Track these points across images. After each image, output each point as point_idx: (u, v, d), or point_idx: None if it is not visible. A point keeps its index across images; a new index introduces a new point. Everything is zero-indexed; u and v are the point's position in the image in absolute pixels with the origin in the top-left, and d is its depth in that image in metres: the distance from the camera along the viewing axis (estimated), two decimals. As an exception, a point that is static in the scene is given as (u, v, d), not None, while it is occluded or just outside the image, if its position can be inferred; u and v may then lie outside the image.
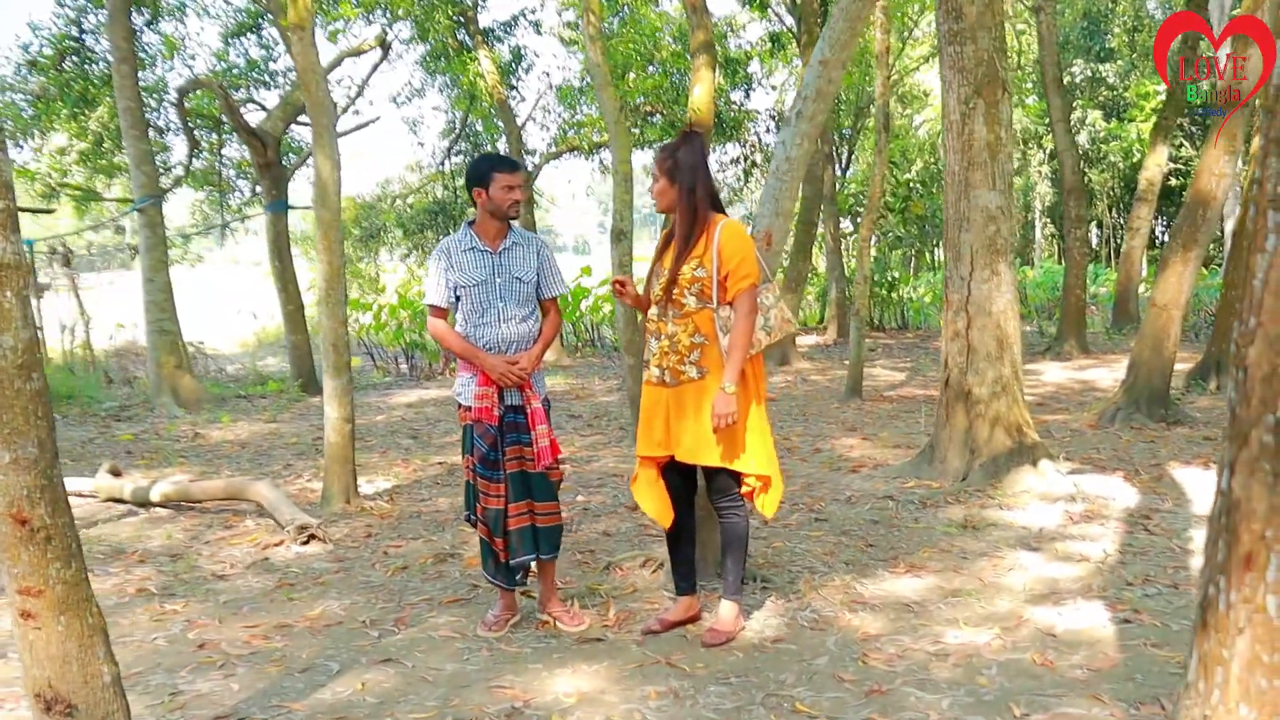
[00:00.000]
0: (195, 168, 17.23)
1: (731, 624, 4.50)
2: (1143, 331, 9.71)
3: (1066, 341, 15.97)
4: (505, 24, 18.47)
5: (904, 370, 15.46)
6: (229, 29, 16.41)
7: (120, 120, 12.68)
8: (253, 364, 19.12)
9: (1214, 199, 9.05)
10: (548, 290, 4.70)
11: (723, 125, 21.12)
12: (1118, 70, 34.62)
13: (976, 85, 6.89)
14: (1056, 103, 15.85)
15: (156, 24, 15.79)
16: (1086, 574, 5.21)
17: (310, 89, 6.61)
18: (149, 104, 16.03)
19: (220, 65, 16.41)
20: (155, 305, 12.35)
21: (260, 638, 4.63)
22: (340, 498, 7.05)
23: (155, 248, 12.37)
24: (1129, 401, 9.57)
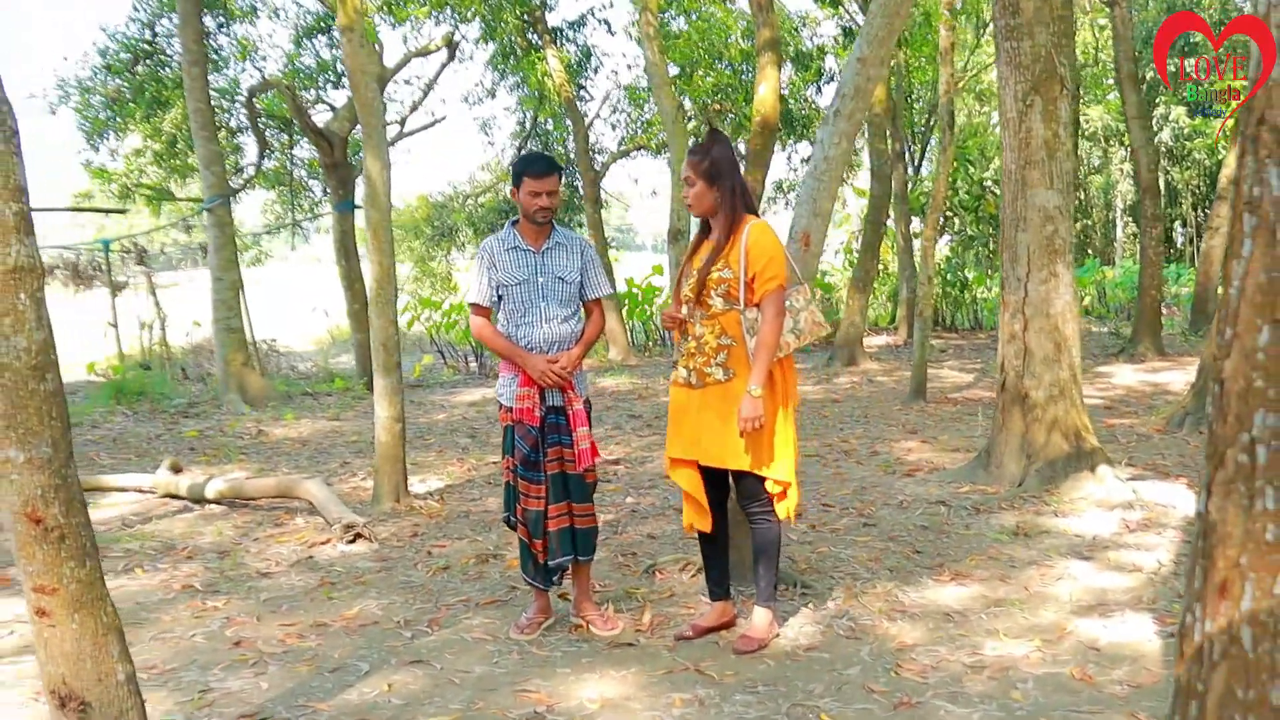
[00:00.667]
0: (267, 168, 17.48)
1: (764, 631, 4.43)
2: (1211, 335, 9.43)
3: (1141, 343, 15.60)
4: (574, 23, 18.49)
5: (972, 372, 15.20)
6: (300, 30, 16.62)
7: (190, 121, 12.91)
8: (325, 361, 19.37)
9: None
10: (592, 291, 4.68)
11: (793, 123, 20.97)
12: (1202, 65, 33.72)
13: (1034, 82, 6.73)
14: (1132, 99, 15.47)
15: (228, 27, 16.05)
16: (1137, 585, 5.07)
17: (359, 90, 6.65)
18: (222, 105, 16.33)
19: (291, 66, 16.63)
20: (223, 303, 12.55)
21: (295, 636, 4.66)
22: (390, 497, 7.08)
23: (224, 247, 12.57)
24: (1198, 406, 9.30)
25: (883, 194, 16.93)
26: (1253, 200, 1.39)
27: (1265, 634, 1.41)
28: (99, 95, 16.07)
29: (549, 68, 16.95)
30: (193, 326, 17.58)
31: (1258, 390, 1.38)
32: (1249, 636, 1.41)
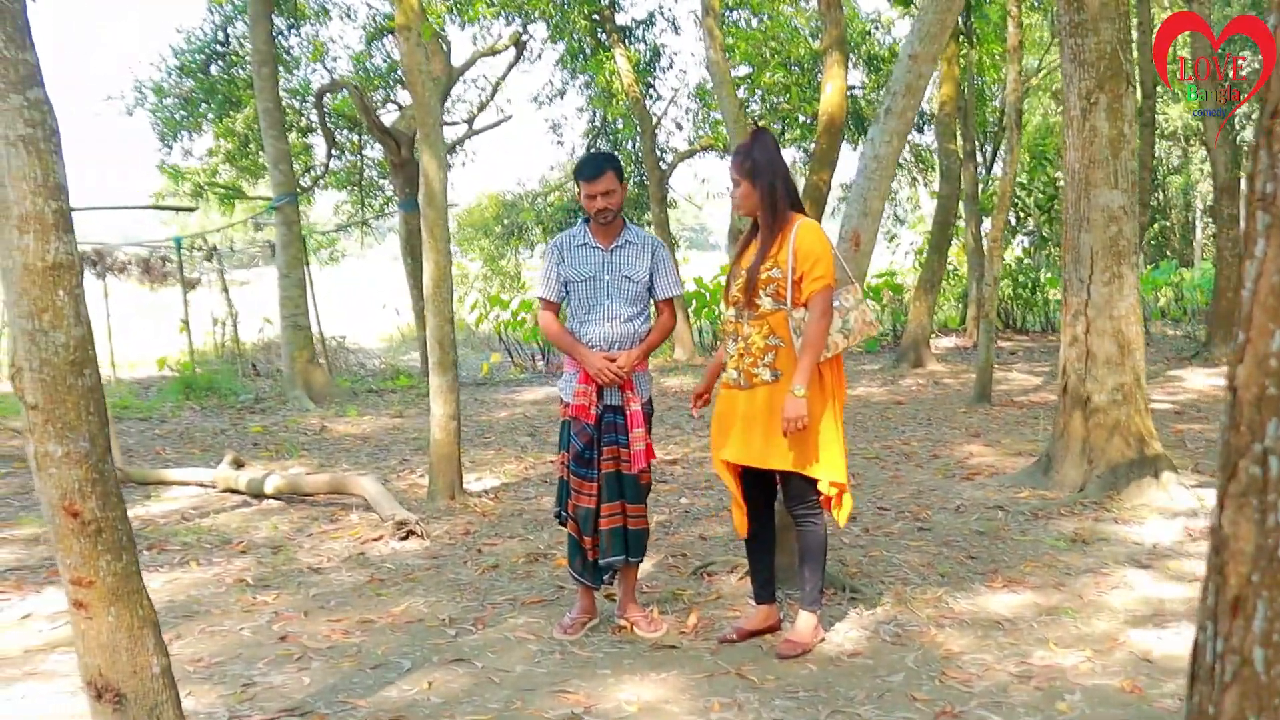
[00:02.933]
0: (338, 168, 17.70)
1: (808, 635, 4.38)
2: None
3: (1215, 347, 15.23)
4: (642, 22, 18.50)
5: (1040, 375, 14.95)
6: (369, 31, 16.81)
7: (260, 121, 13.11)
8: (393, 359, 19.57)
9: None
10: (661, 292, 4.66)
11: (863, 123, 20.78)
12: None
13: (1099, 79, 6.58)
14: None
15: (299, 27, 16.27)
16: (1196, 595, 4.91)
17: (416, 90, 6.69)
18: (293, 106, 16.56)
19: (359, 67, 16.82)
20: (290, 300, 12.73)
21: (341, 632, 4.69)
22: (445, 494, 7.12)
23: (291, 244, 12.74)
24: (1272, 412, 9.05)
25: (951, 194, 16.70)
26: (1266, 197, 1.32)
27: (1279, 656, 1.35)
28: (173, 96, 16.38)
29: (617, 67, 16.96)
30: (264, 323, 17.87)
31: (1271, 398, 1.32)
32: (1261, 658, 1.35)
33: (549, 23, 17.14)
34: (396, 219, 20.70)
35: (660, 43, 19.20)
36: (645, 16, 18.65)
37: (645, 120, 18.13)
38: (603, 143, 22.29)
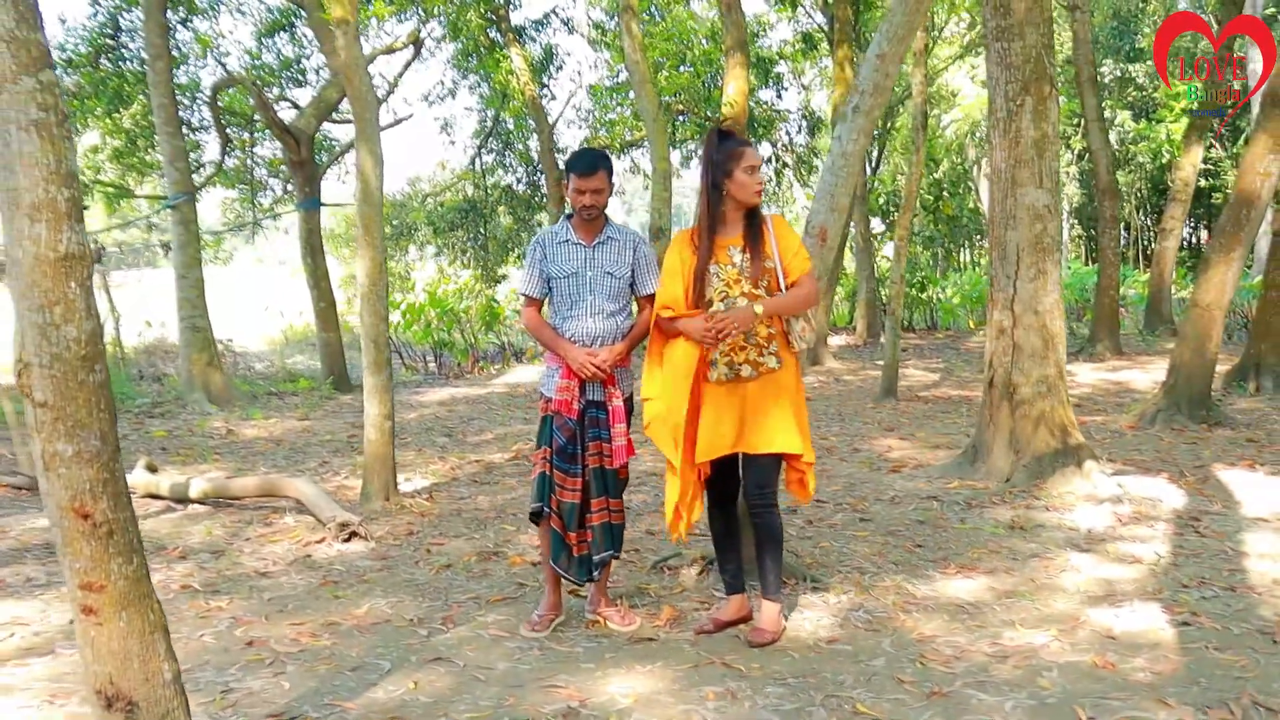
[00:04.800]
0: (227, 166, 17.25)
1: (776, 624, 4.45)
2: (1184, 332, 9.58)
3: (1100, 343, 15.84)
4: (537, 22, 18.43)
5: (936, 371, 15.36)
6: (262, 27, 16.42)
7: (155, 117, 12.71)
8: (281, 361, 19.16)
9: (1258, 198, 8.92)
10: (643, 287, 4.67)
11: (753, 125, 21.05)
12: (1147, 70, 34.38)
13: (1024, 82, 6.80)
14: (1092, 102, 15.70)
15: (190, 22, 15.82)
16: (1140, 576, 5.13)
17: (354, 84, 6.58)
18: (182, 102, 16.07)
19: (253, 63, 16.41)
20: (188, 302, 12.37)
21: (308, 635, 4.59)
22: (380, 495, 7.02)
23: (188, 245, 12.38)
24: (1170, 403, 9.45)
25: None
26: None
27: None
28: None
29: (513, 66, 16.89)
30: (145, 327, 17.31)
31: None
32: None
33: (445, 21, 16.96)
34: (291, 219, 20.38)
35: (554, 43, 19.17)
36: (540, 16, 18.52)
37: (541, 120, 18.07)
38: (494, 142, 22.17)
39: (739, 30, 14.07)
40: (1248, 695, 3.68)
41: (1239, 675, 3.88)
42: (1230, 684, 3.81)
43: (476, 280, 23.25)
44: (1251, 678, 3.86)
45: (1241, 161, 9.25)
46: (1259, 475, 7.31)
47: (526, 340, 21.25)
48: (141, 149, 17.20)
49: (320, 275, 14.26)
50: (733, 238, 4.36)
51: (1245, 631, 4.34)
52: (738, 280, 4.32)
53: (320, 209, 14.48)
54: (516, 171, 22.21)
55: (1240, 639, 4.25)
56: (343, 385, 14.24)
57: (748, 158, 4.34)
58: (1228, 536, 5.79)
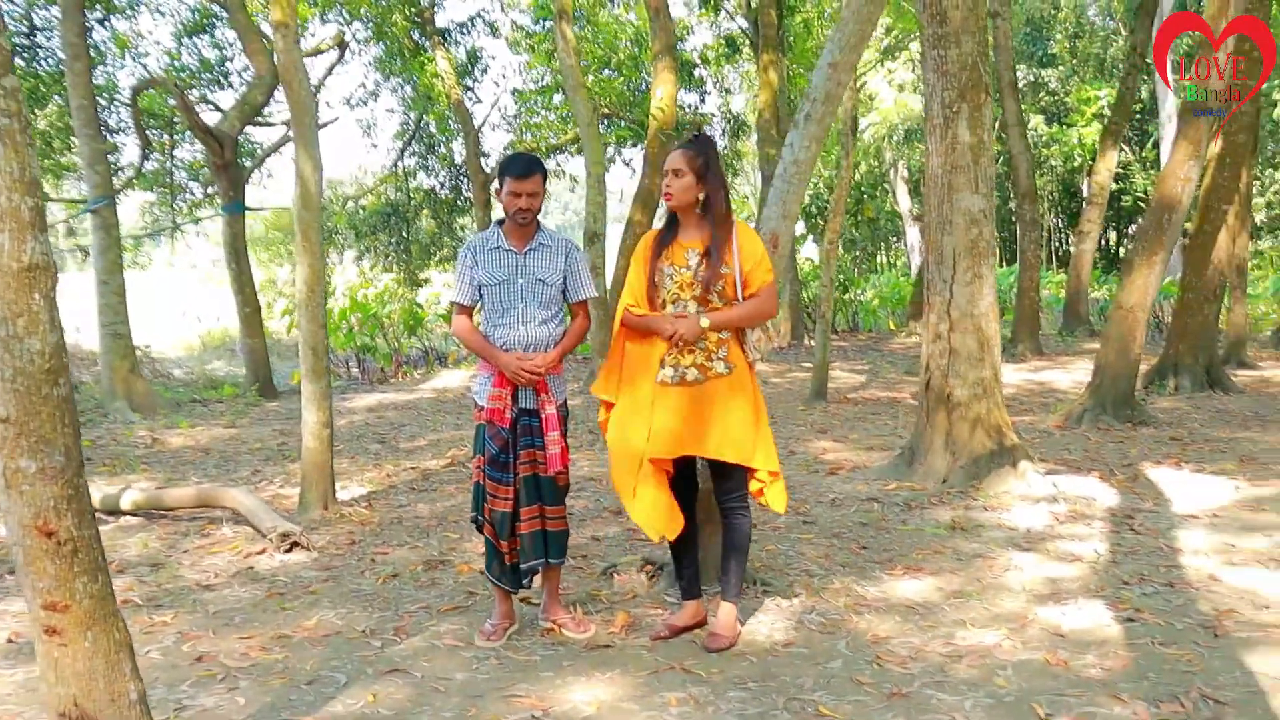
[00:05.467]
0: (146, 169, 16.89)
1: (733, 627, 4.47)
2: (1108, 334, 9.82)
3: (1021, 344, 16.16)
4: (462, 25, 18.31)
5: (863, 373, 15.53)
6: (182, 28, 16.09)
7: (73, 119, 12.40)
8: (200, 368, 18.82)
9: (1179, 203, 9.17)
10: (575, 294, 4.65)
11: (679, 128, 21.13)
12: (1059, 75, 35.18)
13: (961, 89, 6.92)
14: (1012, 107, 16.03)
15: (109, 21, 15.46)
16: (1083, 574, 5.25)
17: (293, 88, 6.48)
18: (100, 103, 15.69)
19: (173, 64, 16.08)
20: (109, 308, 12.09)
21: (259, 649, 4.52)
22: (318, 504, 6.92)
23: (109, 249, 12.10)
24: (1096, 403, 9.68)
25: (772, 198, 17.15)
26: None
27: None
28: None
29: (439, 69, 16.76)
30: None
31: None
32: None
33: (369, 23, 16.77)
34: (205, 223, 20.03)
35: (479, 46, 19.07)
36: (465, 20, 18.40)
37: (467, 123, 17.96)
38: (417, 146, 21.98)
39: (667, 34, 14.13)
40: (1196, 689, 3.79)
41: (1186, 669, 3.99)
42: (1178, 678, 3.91)
43: (399, 284, 23.04)
44: (1198, 671, 3.96)
45: (1163, 168, 9.50)
46: (1185, 473, 7.51)
47: (450, 344, 21.13)
48: (58, 151, 16.76)
49: (245, 280, 14.02)
50: (694, 241, 4.37)
51: (1187, 626, 4.46)
52: (690, 284, 4.32)
53: (245, 213, 14.23)
54: (439, 175, 22.04)
55: (1183, 634, 4.37)
56: (269, 392, 14.03)
57: (668, 161, 4.38)
58: (1161, 533, 5.95)
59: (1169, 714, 3.61)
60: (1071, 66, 36.45)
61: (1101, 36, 38.14)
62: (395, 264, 23.47)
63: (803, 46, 20.63)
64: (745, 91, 29.77)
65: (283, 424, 11.66)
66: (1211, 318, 11.98)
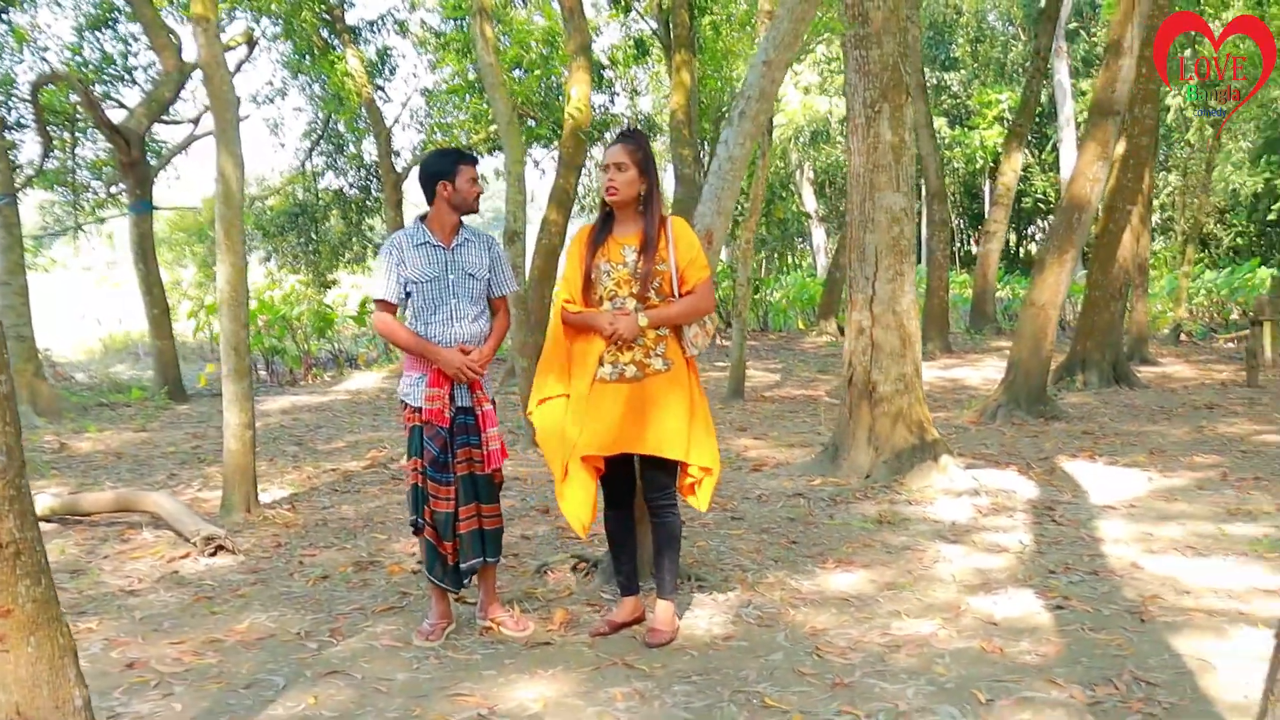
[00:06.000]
0: (46, 167, 16.39)
1: (672, 623, 4.49)
2: (1021, 331, 10.05)
3: (931, 342, 16.44)
4: (372, 23, 18.09)
5: (777, 371, 15.71)
6: (84, 21, 15.64)
7: (-30, 115, 12.02)
8: (103, 371, 18.36)
9: (1089, 202, 9.43)
10: (498, 289, 4.63)
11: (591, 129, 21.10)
12: (961, 79, 35.93)
13: (882, 89, 7.03)
14: (921, 109, 16.33)
15: (6, 14, 14.97)
16: (1010, 564, 5.37)
17: (214, 82, 6.35)
18: (-6, 98, 15.24)
19: (74, 59, 15.62)
20: (12, 310, 11.71)
21: (191, 654, 4.42)
22: (241, 507, 6.79)
23: (12, 249, 11.73)
24: (1009, 398, 9.90)
25: (688, 197, 17.20)
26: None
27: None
28: None
29: (349, 67, 16.54)
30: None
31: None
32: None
33: (278, 19, 16.48)
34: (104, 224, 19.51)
35: (389, 45, 18.86)
36: (375, 18, 18.15)
37: (379, 123, 17.75)
38: (325, 145, 21.66)
39: (582, 34, 14.10)
40: (1128, 671, 3.90)
41: (1116, 653, 4.10)
42: (1110, 662, 4.02)
43: (306, 285, 22.69)
44: (1128, 655, 4.08)
45: (1073, 168, 9.74)
46: (1099, 465, 7.73)
47: (359, 346, 20.89)
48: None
49: (154, 281, 13.69)
50: (629, 237, 4.36)
51: (1114, 612, 4.59)
52: (628, 281, 4.33)
53: (152, 212, 13.90)
54: (348, 175, 21.75)
55: (1111, 620, 4.49)
56: (178, 395, 13.73)
57: (606, 156, 4.38)
58: (1082, 524, 6.11)
59: (1103, 696, 3.71)
60: (973, 70, 37.27)
61: (1001, 41, 39.05)
62: (303, 265, 23.09)
63: (712, 49, 20.71)
64: (653, 93, 29.87)
65: (195, 427, 11.42)
66: (1117, 315, 12.34)
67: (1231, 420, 9.78)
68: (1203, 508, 6.46)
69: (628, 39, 22.20)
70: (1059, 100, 27.71)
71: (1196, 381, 12.98)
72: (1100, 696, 3.71)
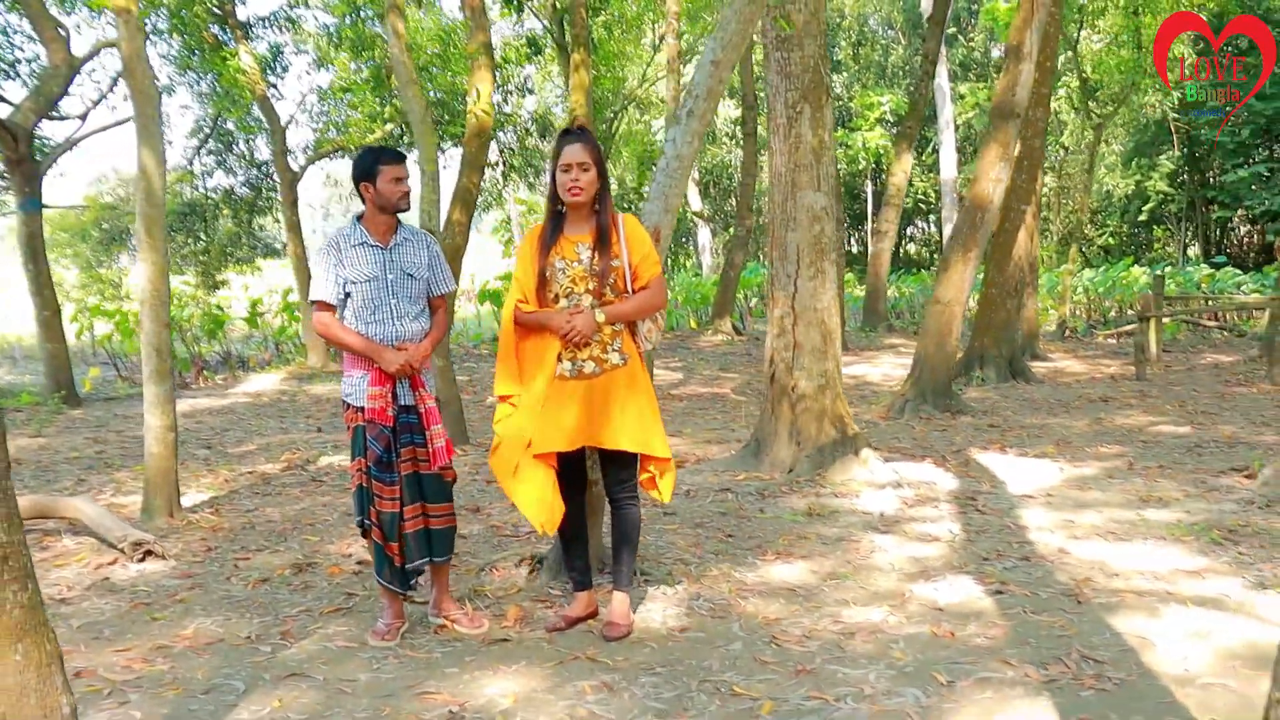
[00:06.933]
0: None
1: (628, 616, 4.54)
2: (926, 328, 10.32)
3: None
4: (264, 19, 17.73)
5: (678, 370, 15.84)
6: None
7: None
8: (-17, 376, 17.71)
9: (991, 202, 9.73)
10: (437, 288, 4.63)
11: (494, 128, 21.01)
12: (843, 81, 36.62)
13: (803, 90, 7.17)
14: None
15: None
16: (943, 552, 5.53)
17: (136, 76, 6.19)
18: None
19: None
20: (-106, 313, 11.24)
21: (140, 661, 4.32)
22: (164, 511, 6.65)
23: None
24: (917, 393, 10.16)
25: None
26: None
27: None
28: None
29: (242, 64, 16.20)
30: None
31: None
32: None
33: (169, 14, 16.05)
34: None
35: (280, 42, 18.51)
36: (268, 14, 17.79)
37: (273, 120, 17.42)
38: (214, 144, 21.19)
39: (484, 34, 14.02)
40: (1075, 650, 4.07)
41: (1060, 634, 4.27)
42: (1056, 642, 4.19)
43: (195, 287, 22.15)
44: (1072, 635, 4.26)
45: (975, 169, 10.04)
46: (1010, 457, 7.99)
47: (249, 349, 20.45)
48: None
49: (44, 282, 13.25)
50: (582, 235, 4.39)
51: (1051, 595, 4.78)
52: (584, 278, 4.35)
53: (42, 211, 13.45)
54: (238, 174, 21.32)
55: (1049, 602, 4.68)
56: (72, 399, 13.30)
57: (564, 155, 4.32)
58: (1005, 513, 6.32)
59: (1057, 674, 3.87)
60: (855, 73, 38.05)
61: (882, 45, 39.94)
62: (192, 266, 22.55)
63: (604, 49, 20.81)
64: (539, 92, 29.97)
65: (93, 431, 11.10)
66: (1013, 312, 12.75)
67: (1127, 412, 10.19)
68: (1115, 495, 6.73)
69: (519, 37, 22.19)
70: (939, 103, 28.42)
71: (1087, 376, 13.47)
72: (1054, 675, 3.86)
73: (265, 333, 20.38)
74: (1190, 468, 7.50)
